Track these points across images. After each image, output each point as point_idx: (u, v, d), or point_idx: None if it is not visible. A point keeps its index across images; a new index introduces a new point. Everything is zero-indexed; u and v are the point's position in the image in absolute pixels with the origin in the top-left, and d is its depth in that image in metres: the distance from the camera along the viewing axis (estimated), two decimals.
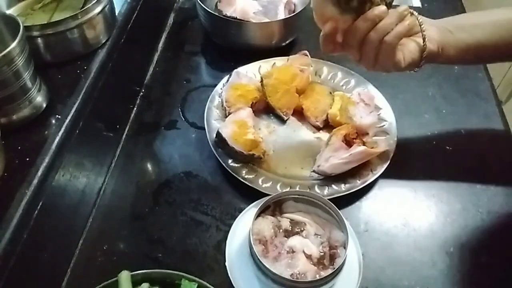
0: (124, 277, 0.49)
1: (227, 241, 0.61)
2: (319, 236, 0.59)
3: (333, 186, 0.68)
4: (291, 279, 0.54)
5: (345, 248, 0.57)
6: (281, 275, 0.54)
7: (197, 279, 0.49)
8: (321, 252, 0.58)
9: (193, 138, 0.78)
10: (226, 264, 0.59)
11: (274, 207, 0.62)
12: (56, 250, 0.59)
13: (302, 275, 0.55)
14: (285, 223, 0.61)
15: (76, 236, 0.64)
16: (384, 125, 0.76)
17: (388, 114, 0.78)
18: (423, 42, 0.59)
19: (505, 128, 0.79)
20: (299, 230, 0.60)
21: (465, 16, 0.69)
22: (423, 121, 0.81)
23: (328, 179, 0.69)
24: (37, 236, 0.53)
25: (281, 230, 0.60)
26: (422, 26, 0.59)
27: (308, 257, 0.57)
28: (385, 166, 0.70)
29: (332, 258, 0.57)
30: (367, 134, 0.75)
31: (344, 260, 0.55)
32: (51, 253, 0.57)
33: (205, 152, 0.75)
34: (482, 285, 0.61)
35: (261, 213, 0.61)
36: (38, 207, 0.53)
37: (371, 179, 0.68)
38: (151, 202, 0.69)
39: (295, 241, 0.58)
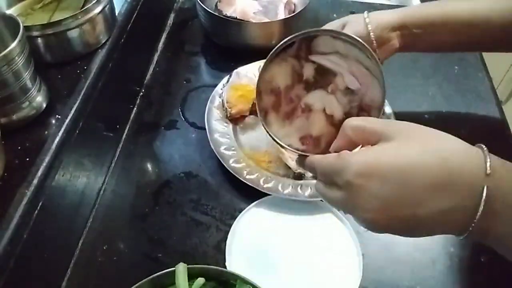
0: (181, 269, 0.49)
1: (227, 241, 0.61)
2: (350, 92, 0.46)
3: None
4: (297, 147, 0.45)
5: (380, 111, 0.45)
6: (288, 141, 0.44)
7: (252, 282, 0.49)
8: (346, 113, 0.46)
9: (193, 138, 0.78)
10: (226, 264, 0.59)
11: (300, 45, 0.47)
12: (56, 250, 0.59)
13: (316, 140, 0.45)
14: (309, 71, 0.47)
15: (76, 236, 0.64)
16: None
17: (388, 113, 0.78)
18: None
19: (505, 128, 0.79)
20: (325, 83, 0.47)
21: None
22: (423, 121, 0.80)
23: None
24: (37, 236, 0.53)
25: (301, 80, 0.47)
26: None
27: (329, 118, 0.46)
28: None
29: None
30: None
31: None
32: (51, 253, 0.57)
33: (205, 152, 0.75)
34: (482, 285, 0.61)
35: (280, 53, 0.47)
36: (38, 207, 0.53)
37: None
38: (151, 202, 0.69)
39: (315, 98, 0.46)
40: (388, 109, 0.78)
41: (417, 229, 0.38)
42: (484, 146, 0.38)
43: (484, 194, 0.34)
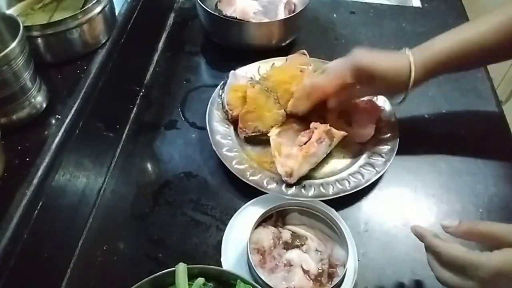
0: (181, 269, 0.49)
1: (223, 238, 0.62)
2: (319, 253, 0.59)
3: (337, 185, 0.68)
4: None
5: (344, 267, 0.56)
6: (275, 287, 0.54)
7: (253, 282, 0.49)
8: (320, 269, 0.57)
9: (193, 138, 0.78)
10: (222, 259, 0.60)
11: (277, 217, 0.62)
12: (56, 250, 0.59)
13: None
14: (286, 235, 0.60)
15: (76, 236, 0.64)
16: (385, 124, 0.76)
17: (389, 113, 0.78)
18: None
19: (505, 128, 0.79)
20: (300, 244, 0.60)
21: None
22: (423, 121, 0.81)
23: (333, 179, 0.69)
24: (37, 236, 0.53)
25: (280, 242, 0.60)
26: None
27: (306, 272, 0.57)
28: (388, 164, 0.70)
29: (331, 276, 0.57)
30: (363, 144, 0.74)
31: (342, 279, 0.55)
32: (51, 253, 0.57)
33: (205, 152, 0.75)
34: None
35: (262, 222, 0.61)
36: (38, 207, 0.53)
37: (373, 178, 0.68)
38: (151, 202, 0.69)
39: (293, 255, 0.58)
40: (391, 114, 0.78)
41: None
42: None
43: None
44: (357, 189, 0.67)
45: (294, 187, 0.68)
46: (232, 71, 0.81)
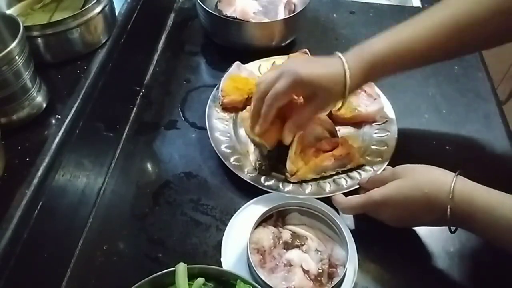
0: (181, 269, 0.49)
1: (223, 238, 0.62)
2: (319, 253, 0.59)
3: (335, 183, 0.68)
4: None
5: (344, 267, 0.56)
6: (275, 287, 0.54)
7: (253, 282, 0.50)
8: (320, 269, 0.57)
9: (193, 138, 0.78)
10: (222, 259, 0.60)
11: (277, 217, 0.62)
12: (56, 250, 0.59)
13: None
14: (286, 235, 0.60)
15: (76, 236, 0.64)
16: (384, 123, 0.76)
17: (388, 112, 0.78)
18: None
19: (505, 128, 0.79)
20: (300, 244, 0.60)
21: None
22: (423, 121, 0.81)
23: (330, 177, 0.69)
24: (37, 236, 0.53)
25: (280, 242, 0.60)
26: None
27: (306, 272, 0.57)
28: (385, 164, 0.70)
29: (331, 276, 0.57)
30: (374, 122, 0.76)
31: (342, 279, 0.55)
32: (51, 253, 0.57)
33: (205, 152, 0.75)
34: (482, 285, 0.61)
35: (262, 222, 0.61)
36: (38, 207, 0.53)
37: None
38: (151, 202, 0.69)
39: (293, 255, 0.58)
40: (389, 108, 0.78)
41: (420, 225, 0.65)
42: (458, 174, 0.57)
43: (449, 211, 0.54)
44: (354, 188, 0.67)
45: (292, 184, 0.68)
46: (237, 62, 0.82)
